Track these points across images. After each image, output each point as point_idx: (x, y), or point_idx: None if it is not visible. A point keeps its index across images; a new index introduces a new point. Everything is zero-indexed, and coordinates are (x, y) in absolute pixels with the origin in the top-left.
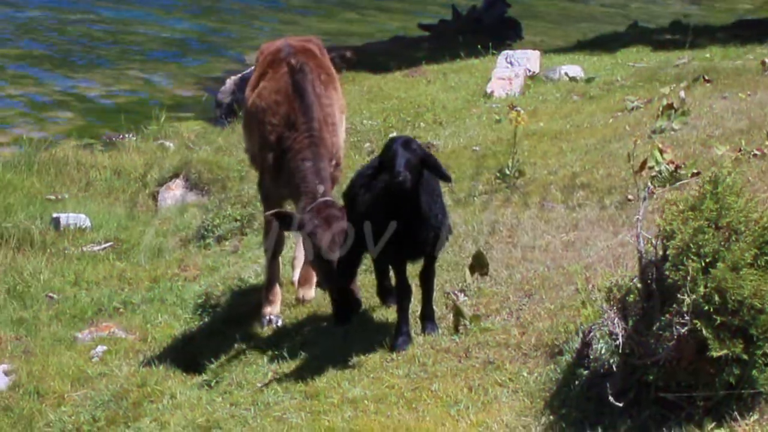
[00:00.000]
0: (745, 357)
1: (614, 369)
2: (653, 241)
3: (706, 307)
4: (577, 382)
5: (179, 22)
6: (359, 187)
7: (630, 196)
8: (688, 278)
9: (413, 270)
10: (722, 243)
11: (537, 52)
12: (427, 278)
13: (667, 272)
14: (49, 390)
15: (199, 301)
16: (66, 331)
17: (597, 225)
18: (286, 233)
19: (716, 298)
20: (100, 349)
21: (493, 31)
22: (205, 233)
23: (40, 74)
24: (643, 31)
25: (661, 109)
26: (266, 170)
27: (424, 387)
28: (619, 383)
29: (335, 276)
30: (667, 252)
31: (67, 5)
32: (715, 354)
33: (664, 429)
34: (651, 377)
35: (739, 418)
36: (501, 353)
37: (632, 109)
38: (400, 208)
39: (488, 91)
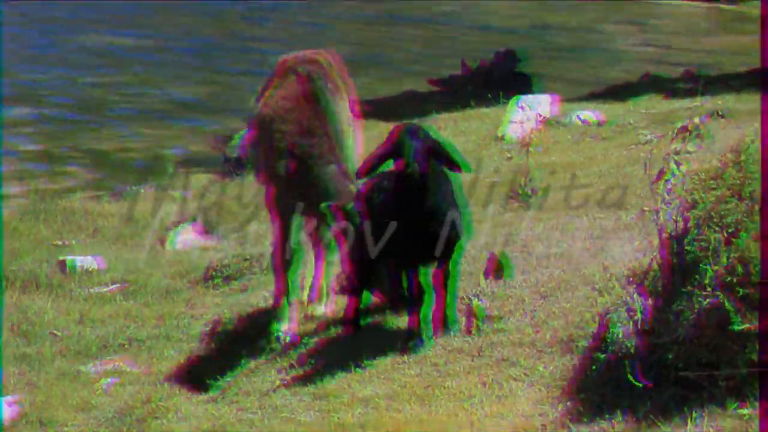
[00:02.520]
0: None
1: (633, 350)
2: (674, 214)
3: (729, 279)
4: (594, 367)
5: (188, 83)
6: (370, 189)
7: (646, 208)
8: (711, 249)
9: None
10: (745, 213)
11: (548, 97)
12: (442, 280)
13: (688, 245)
14: (53, 419)
15: (206, 329)
16: (70, 366)
17: (614, 234)
18: (293, 247)
19: (739, 269)
20: (105, 382)
21: (503, 85)
22: (214, 273)
23: (51, 130)
24: (655, 79)
25: (675, 132)
26: (276, 181)
27: (436, 384)
28: (639, 364)
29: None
30: (689, 224)
31: (74, 69)
32: (737, 328)
33: (685, 409)
34: (671, 356)
35: (762, 396)
36: (515, 351)
37: (646, 142)
38: (411, 202)
39: (500, 134)
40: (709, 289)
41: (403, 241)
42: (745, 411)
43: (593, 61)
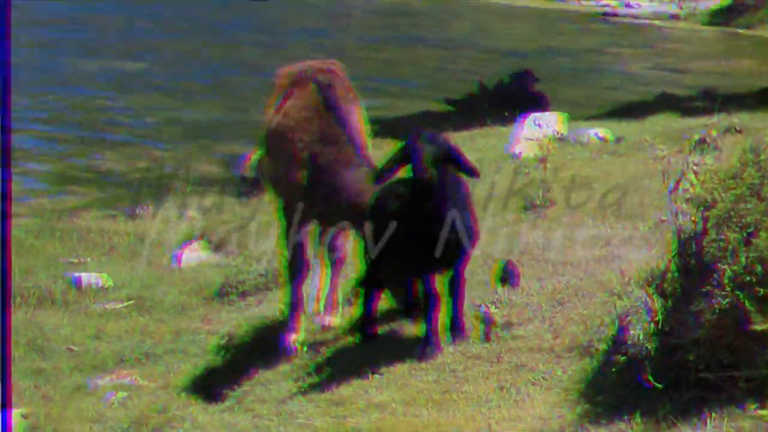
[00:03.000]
0: None
1: (652, 352)
2: (692, 213)
3: (748, 278)
4: (613, 370)
5: (201, 106)
6: (382, 195)
7: (663, 218)
8: (729, 249)
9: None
10: (764, 212)
11: (565, 115)
12: (455, 287)
13: (706, 245)
14: (67, 431)
15: (222, 341)
16: (85, 380)
17: (630, 243)
18: (309, 256)
19: (759, 268)
20: (121, 395)
21: (519, 105)
22: (229, 289)
23: (63, 152)
24: (670, 99)
25: (693, 144)
26: (294, 191)
27: (454, 389)
28: (658, 366)
29: None
30: (707, 224)
31: (86, 92)
32: (758, 328)
33: (705, 410)
34: (691, 357)
35: None
36: (533, 356)
37: (664, 156)
38: (425, 207)
39: (515, 151)
40: (728, 288)
41: (418, 247)
42: (765, 412)
43: (607, 82)
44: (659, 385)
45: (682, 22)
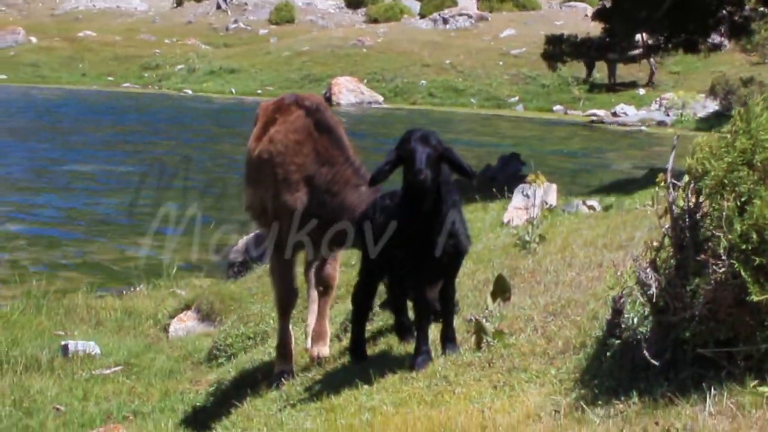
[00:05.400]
0: None
1: (647, 332)
2: (684, 187)
3: (744, 247)
4: (608, 353)
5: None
6: (373, 207)
7: (656, 243)
8: (724, 218)
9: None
10: (758, 181)
11: (554, 185)
12: (446, 298)
13: (700, 216)
14: None
15: (211, 389)
16: None
17: (623, 266)
18: (298, 288)
19: (755, 237)
20: None
21: (507, 185)
22: (218, 353)
23: (54, 236)
24: (659, 174)
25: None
26: (286, 216)
27: (446, 391)
28: (654, 346)
29: None
30: (700, 199)
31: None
32: (755, 298)
33: (703, 387)
34: (688, 334)
35: None
36: (527, 360)
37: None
38: (419, 211)
39: (505, 221)
40: (723, 258)
41: (415, 250)
42: (765, 388)
43: (595, 175)
44: (656, 363)
45: (670, 128)
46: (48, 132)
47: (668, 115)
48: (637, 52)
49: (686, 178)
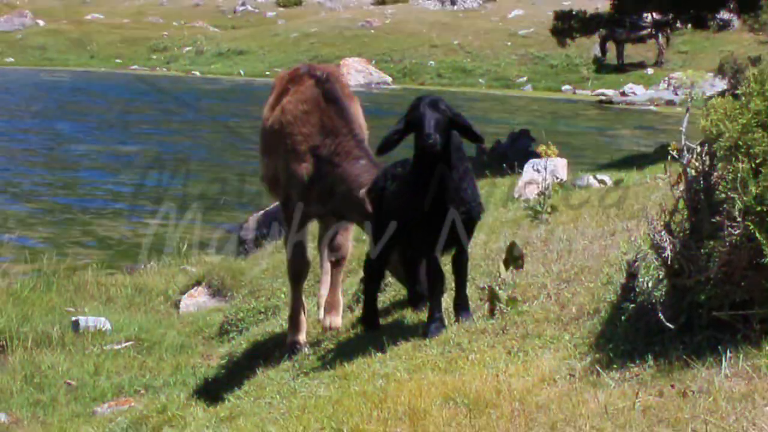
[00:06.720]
0: None
1: (662, 297)
2: (698, 150)
3: (759, 209)
4: (623, 318)
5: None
6: (384, 176)
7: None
8: (738, 180)
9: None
10: None
11: (564, 161)
12: (459, 266)
13: (715, 179)
14: None
15: (223, 362)
16: (84, 408)
17: (637, 232)
18: (311, 258)
19: None
20: (120, 419)
21: (517, 161)
22: (229, 327)
23: (62, 216)
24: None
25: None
26: (295, 186)
27: (460, 357)
28: (669, 309)
29: None
30: (714, 160)
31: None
32: None
33: (719, 350)
34: (703, 297)
35: None
36: (540, 326)
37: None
38: (430, 177)
39: (516, 195)
40: (738, 220)
41: (424, 220)
42: None
43: (605, 152)
44: (671, 326)
45: (678, 107)
46: (57, 111)
47: (677, 94)
48: (645, 32)
49: (700, 141)
